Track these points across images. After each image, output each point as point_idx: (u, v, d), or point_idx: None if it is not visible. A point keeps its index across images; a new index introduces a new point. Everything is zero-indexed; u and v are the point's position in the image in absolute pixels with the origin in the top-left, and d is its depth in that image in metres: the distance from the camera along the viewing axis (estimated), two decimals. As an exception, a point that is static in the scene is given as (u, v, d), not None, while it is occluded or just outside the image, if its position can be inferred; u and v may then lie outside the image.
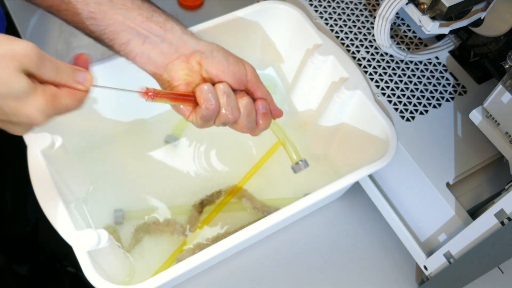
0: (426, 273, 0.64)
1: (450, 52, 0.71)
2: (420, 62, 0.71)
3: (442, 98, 0.67)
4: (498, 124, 0.56)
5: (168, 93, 0.50)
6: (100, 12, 0.52)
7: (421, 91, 0.68)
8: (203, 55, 0.53)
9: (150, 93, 0.48)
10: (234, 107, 0.52)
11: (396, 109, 0.66)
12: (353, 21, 0.74)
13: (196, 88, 0.52)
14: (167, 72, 0.53)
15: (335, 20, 0.74)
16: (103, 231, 0.51)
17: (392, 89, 0.68)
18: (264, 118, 0.55)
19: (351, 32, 0.73)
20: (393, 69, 0.70)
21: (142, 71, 0.55)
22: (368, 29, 0.73)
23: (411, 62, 0.70)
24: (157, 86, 0.54)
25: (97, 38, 0.54)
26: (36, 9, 0.89)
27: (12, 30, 0.83)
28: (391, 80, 0.68)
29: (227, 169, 0.73)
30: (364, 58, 0.70)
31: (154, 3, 0.55)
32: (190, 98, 0.51)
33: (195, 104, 0.52)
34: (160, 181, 0.71)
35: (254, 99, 0.55)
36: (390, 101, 0.67)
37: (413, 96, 0.67)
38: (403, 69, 0.70)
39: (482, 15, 0.61)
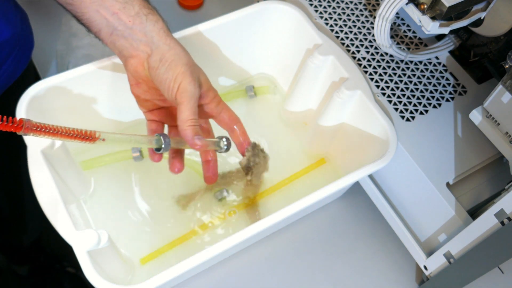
0: (426, 273, 0.64)
1: (450, 52, 0.71)
2: (420, 62, 0.71)
3: (442, 98, 0.68)
4: (498, 124, 0.56)
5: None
6: (78, 0, 0.53)
7: (421, 91, 0.68)
8: (151, 63, 0.54)
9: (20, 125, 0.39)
10: None
11: (396, 109, 0.66)
12: (353, 21, 0.74)
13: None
14: (126, 67, 0.55)
15: (335, 20, 0.74)
16: (103, 231, 0.51)
17: (392, 89, 0.68)
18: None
19: (351, 32, 0.73)
20: (393, 69, 0.70)
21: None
22: (368, 29, 0.73)
23: (411, 62, 0.71)
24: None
25: (79, 23, 0.56)
26: (36, 10, 0.89)
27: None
28: (391, 80, 0.68)
29: (226, 169, 0.73)
30: (364, 58, 0.70)
31: None
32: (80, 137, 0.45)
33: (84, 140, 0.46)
34: (160, 181, 0.71)
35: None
36: (390, 101, 0.67)
37: (413, 96, 0.67)
38: (403, 69, 0.70)
39: (482, 15, 0.61)
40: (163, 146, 0.53)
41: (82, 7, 0.53)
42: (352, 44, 0.72)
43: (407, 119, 0.65)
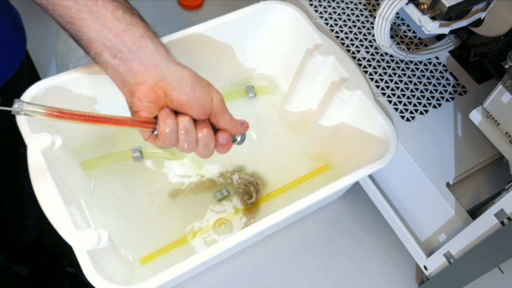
0: (426, 273, 0.64)
1: (450, 52, 0.71)
2: (420, 62, 0.71)
3: (442, 98, 0.68)
4: (498, 124, 0.56)
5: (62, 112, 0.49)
6: (79, 19, 0.51)
7: (421, 91, 0.68)
8: (170, 85, 0.52)
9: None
10: (192, 141, 0.54)
11: (396, 109, 0.66)
12: (353, 21, 0.74)
13: (159, 120, 0.52)
14: (133, 95, 0.53)
15: (335, 20, 0.74)
16: (103, 231, 0.51)
17: (392, 89, 0.68)
18: (223, 148, 0.57)
19: (351, 32, 0.73)
20: (393, 69, 0.70)
21: None
22: (368, 29, 0.73)
23: (411, 62, 0.71)
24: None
25: (77, 42, 0.54)
26: (36, 10, 0.89)
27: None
28: (391, 80, 0.68)
29: (225, 167, 0.73)
30: (364, 58, 0.70)
31: (137, 15, 0.54)
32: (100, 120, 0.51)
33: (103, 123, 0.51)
34: (160, 181, 0.71)
35: (216, 128, 0.56)
36: (390, 101, 0.67)
37: (413, 96, 0.67)
38: (403, 69, 0.70)
39: (482, 15, 0.61)
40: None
41: (83, 26, 0.51)
42: (352, 44, 0.72)
43: (407, 119, 0.65)
